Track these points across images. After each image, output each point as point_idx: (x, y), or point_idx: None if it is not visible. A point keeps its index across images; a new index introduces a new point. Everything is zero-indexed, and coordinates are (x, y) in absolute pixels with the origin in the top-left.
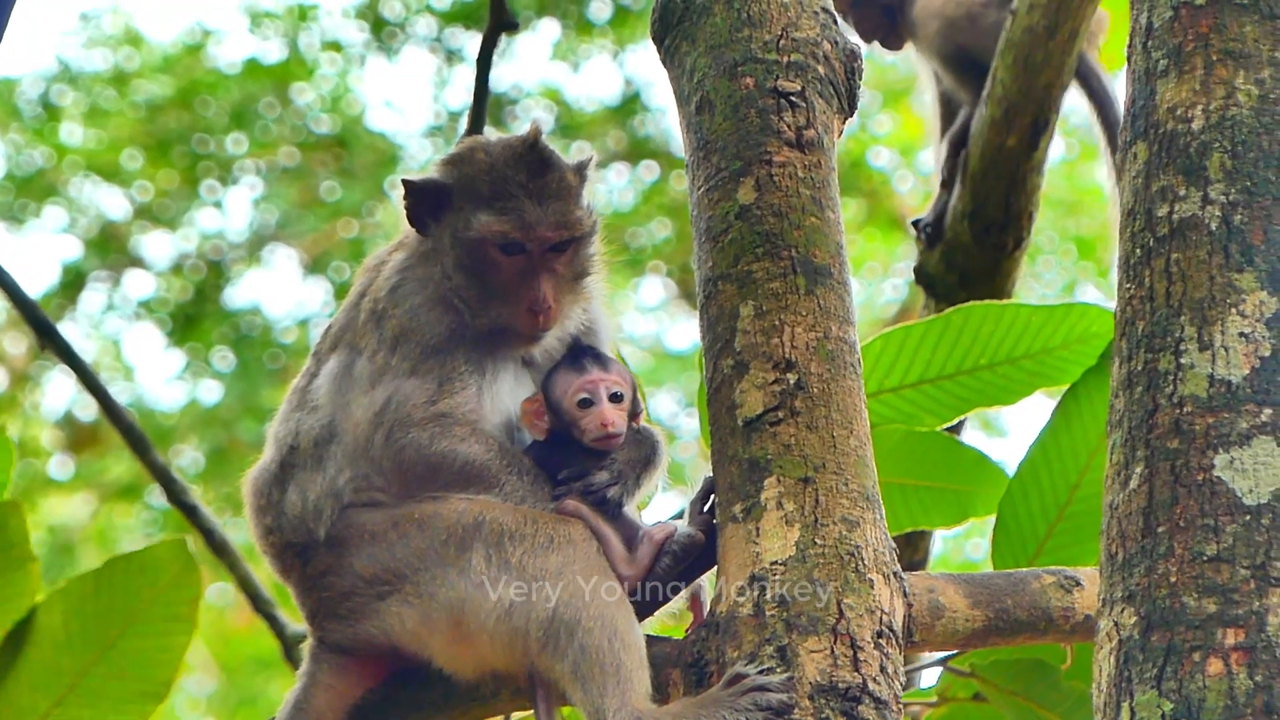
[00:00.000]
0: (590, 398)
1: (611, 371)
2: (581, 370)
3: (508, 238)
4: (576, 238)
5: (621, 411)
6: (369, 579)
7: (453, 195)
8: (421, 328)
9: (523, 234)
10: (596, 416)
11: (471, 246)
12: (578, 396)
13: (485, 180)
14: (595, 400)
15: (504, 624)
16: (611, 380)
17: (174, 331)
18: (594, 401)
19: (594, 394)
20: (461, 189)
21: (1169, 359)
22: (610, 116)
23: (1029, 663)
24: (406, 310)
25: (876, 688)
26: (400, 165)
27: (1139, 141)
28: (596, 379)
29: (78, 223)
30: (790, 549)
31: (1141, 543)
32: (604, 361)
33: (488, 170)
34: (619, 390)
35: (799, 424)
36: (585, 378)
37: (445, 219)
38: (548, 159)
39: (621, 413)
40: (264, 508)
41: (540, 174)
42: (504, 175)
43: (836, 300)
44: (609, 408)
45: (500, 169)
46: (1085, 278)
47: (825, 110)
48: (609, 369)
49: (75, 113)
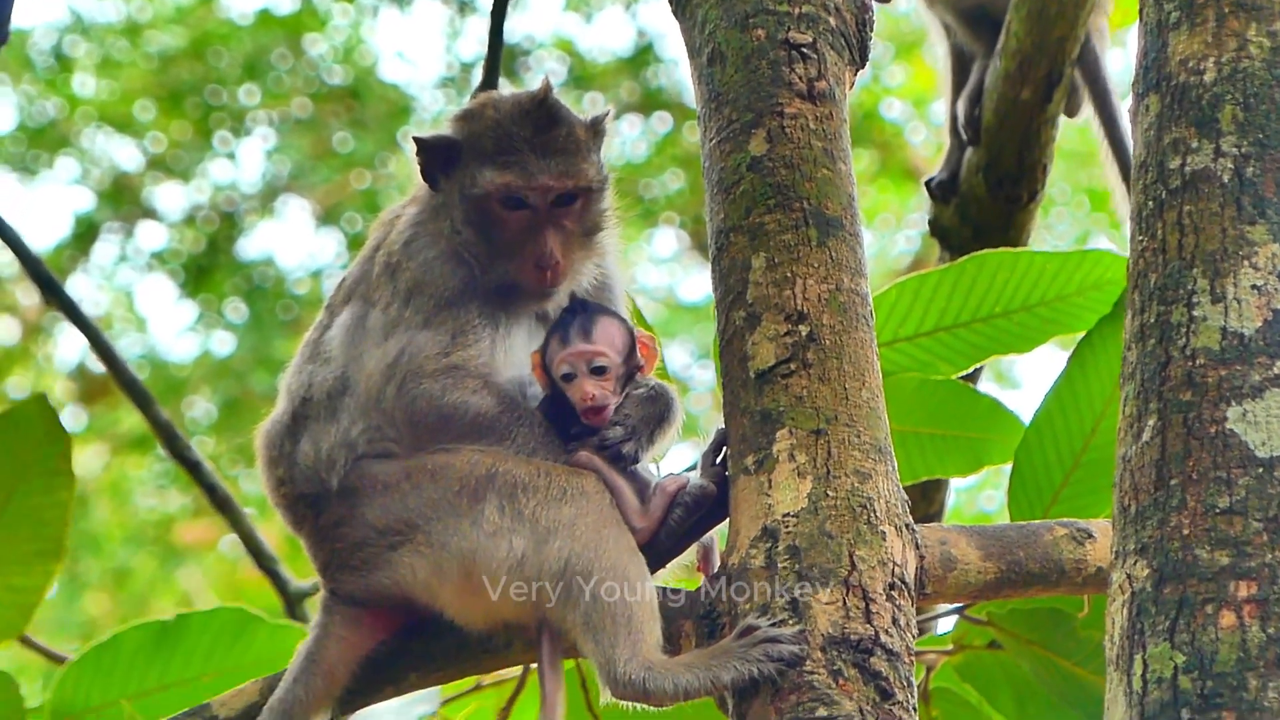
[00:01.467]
0: (572, 371)
1: (596, 341)
2: (565, 341)
3: (509, 192)
4: (582, 192)
5: (604, 384)
6: (381, 529)
7: (462, 151)
8: (435, 281)
9: (525, 189)
10: (577, 389)
11: (477, 202)
12: (561, 369)
13: (491, 136)
14: (576, 374)
15: (516, 575)
16: (593, 352)
17: (186, 283)
18: (575, 375)
19: (575, 367)
20: (470, 145)
21: (1181, 311)
22: (623, 68)
23: (1045, 611)
24: (420, 263)
25: (888, 640)
26: (413, 116)
27: (1151, 94)
28: (578, 352)
29: (90, 174)
30: (802, 501)
31: (1154, 495)
32: (589, 329)
33: (494, 126)
34: (602, 363)
35: (811, 376)
36: (567, 350)
37: (455, 175)
38: (556, 114)
39: (604, 385)
40: (276, 459)
41: (547, 129)
42: (510, 131)
43: (848, 252)
44: (590, 382)
45: (506, 125)
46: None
47: (837, 62)
48: (592, 338)
49: (88, 64)
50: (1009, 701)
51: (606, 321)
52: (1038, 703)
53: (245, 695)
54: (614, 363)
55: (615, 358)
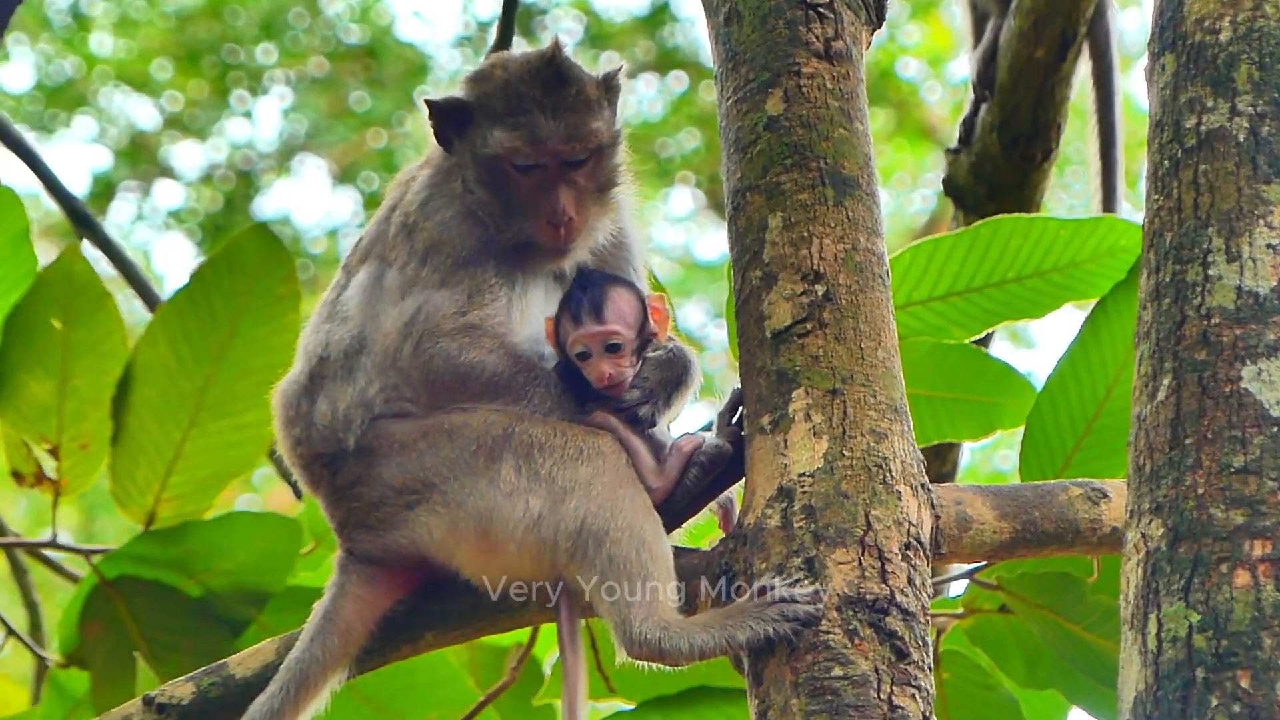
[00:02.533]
0: (586, 350)
1: (607, 319)
2: (577, 321)
3: (519, 152)
4: (592, 152)
5: (619, 361)
6: (398, 489)
7: (473, 112)
8: (452, 240)
9: (533, 148)
10: (593, 370)
11: (489, 162)
12: (575, 349)
13: (501, 96)
14: (591, 353)
15: (532, 534)
16: (607, 332)
17: (204, 241)
18: (590, 355)
19: (589, 348)
20: (480, 106)
21: (1197, 270)
22: (639, 26)
23: (1055, 576)
24: (437, 223)
25: (904, 599)
26: (429, 75)
27: (1167, 53)
28: (591, 334)
29: (107, 133)
30: (818, 461)
31: (1169, 454)
32: (600, 308)
33: (504, 86)
34: (616, 341)
35: (827, 335)
36: (580, 331)
37: (467, 136)
38: (565, 72)
39: (619, 362)
40: (293, 419)
41: (556, 88)
42: (519, 91)
43: (865, 211)
44: (605, 361)
45: (515, 85)
46: None
47: (853, 21)
48: (604, 317)
49: (105, 23)
50: (1019, 665)
51: (617, 294)
52: (1047, 666)
53: (262, 655)
54: (627, 338)
55: (629, 333)
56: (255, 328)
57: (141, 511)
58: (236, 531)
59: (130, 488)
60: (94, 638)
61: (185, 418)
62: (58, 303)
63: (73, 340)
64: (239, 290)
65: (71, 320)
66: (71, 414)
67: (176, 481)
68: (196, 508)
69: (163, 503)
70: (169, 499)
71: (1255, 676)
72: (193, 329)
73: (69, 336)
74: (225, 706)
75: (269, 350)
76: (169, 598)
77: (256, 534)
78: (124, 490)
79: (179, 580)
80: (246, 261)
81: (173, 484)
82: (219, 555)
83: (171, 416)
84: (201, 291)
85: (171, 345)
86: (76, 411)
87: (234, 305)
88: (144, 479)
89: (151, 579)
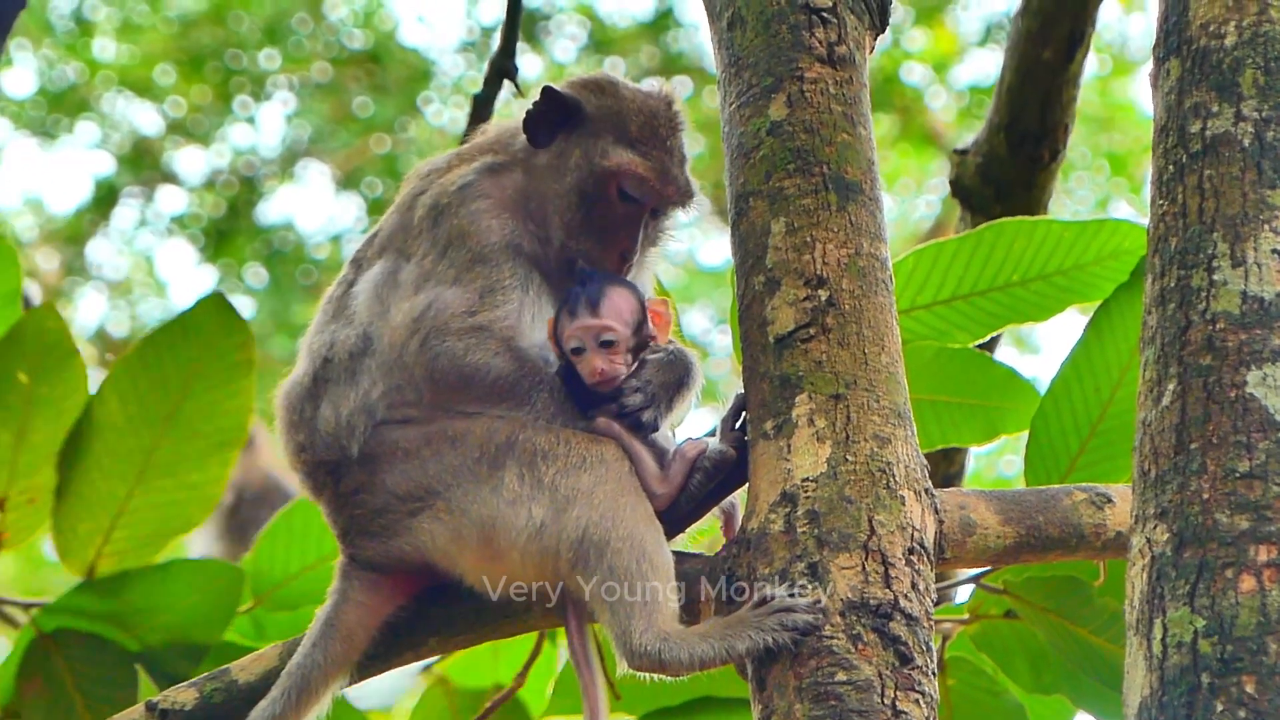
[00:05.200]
0: (580, 345)
1: (603, 314)
2: (573, 315)
3: (643, 182)
4: (688, 203)
5: (614, 357)
6: (402, 496)
7: (587, 119)
8: (478, 232)
9: (656, 183)
10: (586, 364)
11: (599, 175)
12: (570, 344)
13: (635, 119)
14: (584, 347)
15: (534, 543)
16: (601, 327)
17: (206, 247)
18: (583, 349)
19: (582, 341)
20: (602, 117)
21: (1202, 275)
22: (643, 32)
23: (1062, 579)
24: (469, 212)
25: (908, 604)
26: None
27: (1172, 58)
28: (585, 326)
29: (110, 138)
30: (822, 466)
31: (1174, 459)
32: (596, 302)
33: (638, 111)
34: (610, 337)
35: (830, 340)
36: (575, 324)
37: (574, 139)
38: (681, 122)
39: (613, 358)
40: (296, 424)
41: (675, 134)
42: (651, 123)
43: (868, 217)
44: (598, 356)
45: (648, 115)
46: (1118, 194)
47: (857, 26)
48: (599, 311)
49: (108, 28)
50: (1025, 670)
51: (615, 293)
52: (1053, 671)
53: (265, 660)
54: (622, 335)
55: (624, 330)
56: (206, 393)
57: (82, 564)
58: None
59: (73, 540)
60: (32, 692)
61: (132, 474)
62: (26, 357)
63: (36, 395)
64: (192, 356)
65: (37, 375)
66: (24, 467)
67: (120, 536)
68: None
69: (104, 556)
70: (110, 553)
71: (1261, 681)
72: (144, 389)
73: (33, 391)
74: (228, 712)
75: (219, 415)
76: (106, 651)
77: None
78: (66, 543)
79: (116, 634)
80: (202, 328)
81: (116, 538)
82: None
83: (118, 472)
84: (154, 354)
85: (122, 404)
86: (30, 465)
87: (186, 370)
88: (86, 532)
89: (89, 632)
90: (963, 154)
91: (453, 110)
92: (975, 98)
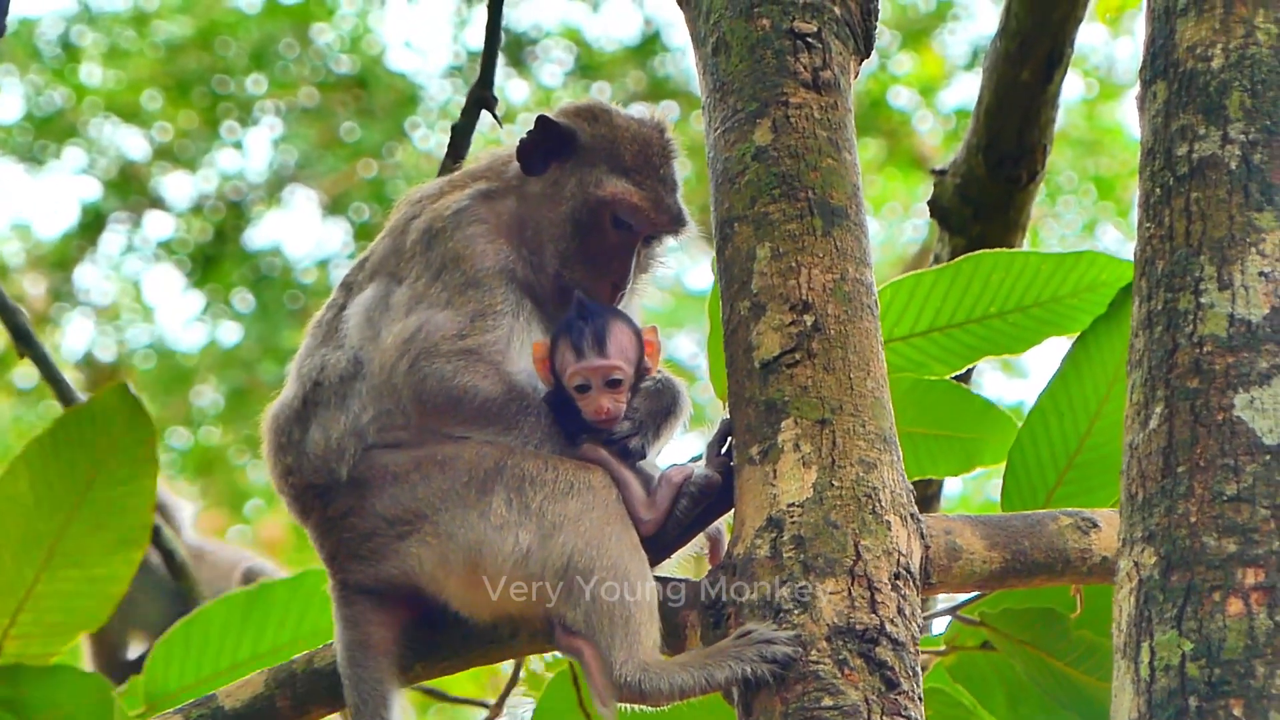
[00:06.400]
0: (586, 384)
1: (610, 354)
2: (580, 354)
3: (637, 211)
4: (682, 232)
5: (618, 396)
6: (390, 519)
7: (581, 148)
8: (472, 256)
9: (650, 213)
10: (591, 403)
11: (594, 204)
12: (575, 381)
13: (629, 148)
14: (590, 387)
15: (520, 570)
16: (608, 367)
17: (194, 272)
18: (590, 388)
19: (590, 381)
20: (596, 146)
21: (1189, 298)
22: (630, 56)
23: (1038, 611)
24: (464, 236)
25: (894, 629)
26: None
27: (1158, 81)
28: (593, 367)
29: (97, 163)
30: (807, 491)
31: (1161, 482)
32: (603, 340)
33: (631, 139)
34: (617, 376)
35: (816, 365)
36: (582, 364)
37: (568, 168)
38: (674, 150)
39: (618, 398)
40: (284, 446)
41: (668, 161)
42: (645, 151)
43: (853, 241)
44: (604, 395)
45: (641, 143)
46: (1105, 217)
47: (842, 51)
48: (607, 351)
49: (95, 53)
50: (1002, 702)
51: (618, 330)
52: (1030, 703)
53: (251, 686)
54: (627, 374)
55: (629, 369)
56: (110, 487)
57: None
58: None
59: None
60: None
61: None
62: None
63: None
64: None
65: None
66: None
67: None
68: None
69: (10, 639)
70: (16, 637)
71: (1248, 705)
72: (53, 474)
73: None
74: None
75: (121, 511)
76: None
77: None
78: None
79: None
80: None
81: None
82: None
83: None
84: (64, 438)
85: (32, 485)
86: None
87: (92, 459)
88: None
89: None
90: (941, 175)
91: (439, 135)
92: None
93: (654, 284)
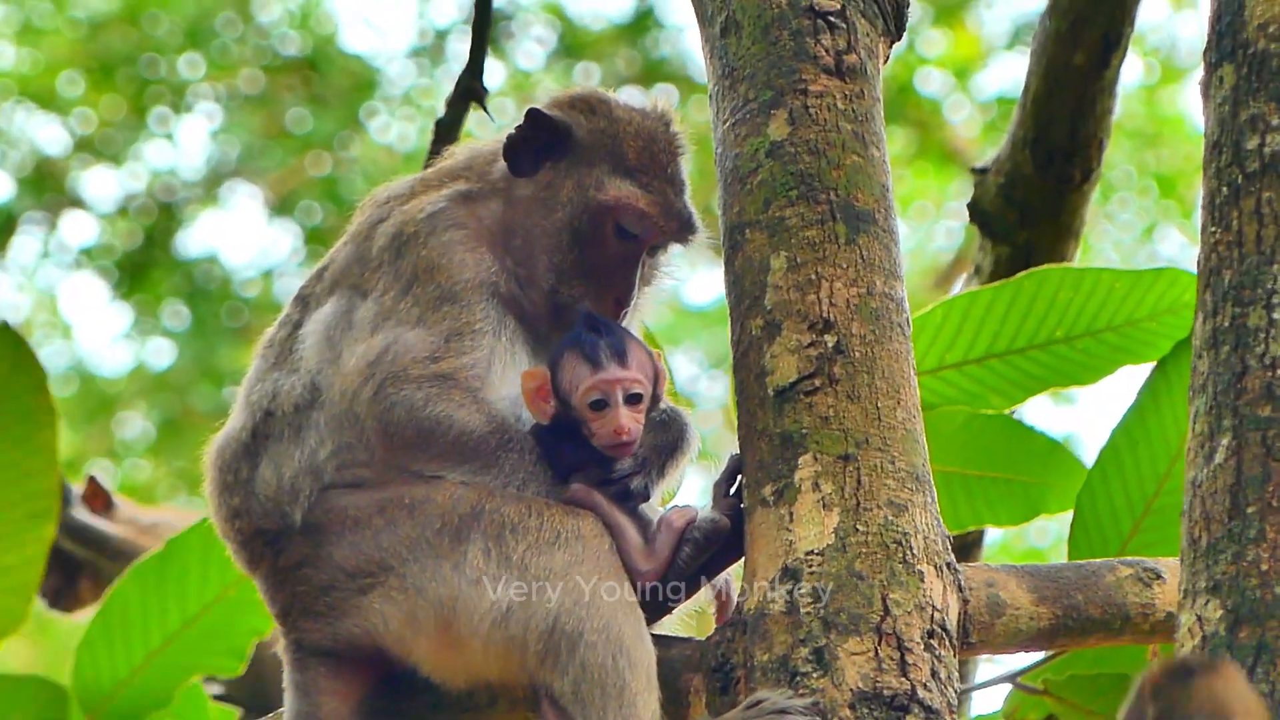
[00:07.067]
0: (604, 399)
1: (631, 365)
2: (597, 365)
3: (644, 218)
4: (693, 238)
5: (638, 415)
6: (351, 571)
7: (577, 145)
8: (449, 266)
9: (661, 220)
10: (610, 422)
11: (595, 210)
12: (590, 396)
13: (632, 144)
14: (610, 403)
15: (499, 630)
16: (630, 379)
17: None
18: (608, 404)
19: (609, 396)
20: (594, 143)
21: (1260, 314)
22: (620, 35)
23: (1110, 678)
24: (440, 243)
25: (927, 695)
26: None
27: (1225, 64)
28: (614, 379)
29: (8, 157)
30: (828, 536)
31: (1228, 525)
32: (622, 351)
33: (634, 134)
34: (638, 390)
35: (838, 393)
36: (601, 375)
37: (561, 167)
38: (681, 145)
39: (638, 416)
40: (230, 485)
41: (675, 159)
42: (650, 148)
43: (881, 250)
44: (625, 412)
45: (645, 138)
46: (1167, 219)
47: (869, 32)
48: (628, 362)
49: (6, 31)
50: None
51: (634, 343)
52: None
53: None
54: (648, 391)
55: (649, 385)
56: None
57: None
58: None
59: None
60: None
61: None
62: None
63: None
64: None
65: None
66: None
67: None
68: None
69: None
70: None
71: None
72: None
73: None
74: None
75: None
76: None
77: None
78: None
79: None
80: None
81: None
82: None
83: None
84: None
85: None
86: None
87: None
88: None
89: None
90: (982, 173)
91: (401, 124)
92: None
93: (657, 297)
